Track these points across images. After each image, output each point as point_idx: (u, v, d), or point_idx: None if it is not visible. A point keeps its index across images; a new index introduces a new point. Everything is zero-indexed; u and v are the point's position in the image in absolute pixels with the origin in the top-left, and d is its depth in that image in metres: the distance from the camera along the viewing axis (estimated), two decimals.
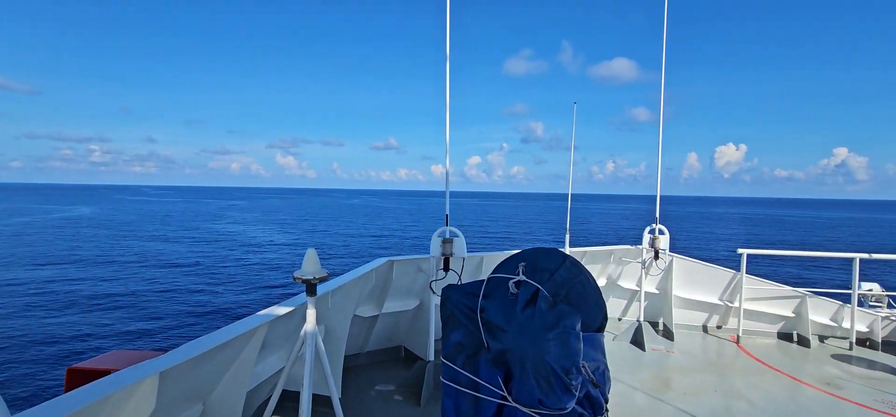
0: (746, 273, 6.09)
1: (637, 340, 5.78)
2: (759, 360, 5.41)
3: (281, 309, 2.90)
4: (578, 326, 1.68)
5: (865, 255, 5.92)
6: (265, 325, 2.72)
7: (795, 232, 64.28)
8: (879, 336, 5.94)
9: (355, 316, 4.30)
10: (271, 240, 39.99)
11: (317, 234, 46.81)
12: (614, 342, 5.90)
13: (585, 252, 5.77)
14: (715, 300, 6.37)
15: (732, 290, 6.28)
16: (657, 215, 5.66)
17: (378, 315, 4.67)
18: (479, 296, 1.86)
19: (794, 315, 6.18)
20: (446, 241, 3.96)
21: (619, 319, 6.76)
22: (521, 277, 1.84)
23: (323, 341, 3.39)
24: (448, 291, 1.99)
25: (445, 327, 1.98)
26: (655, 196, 5.84)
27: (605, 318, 2.03)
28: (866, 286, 6.22)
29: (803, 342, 6.02)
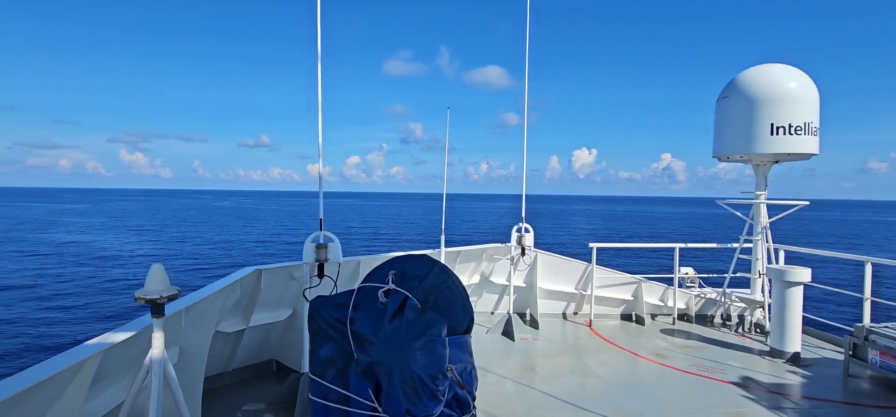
0: (596, 264, 6.91)
1: (507, 331, 6.21)
2: (607, 340, 6.18)
3: (119, 335, 2.51)
4: (445, 332, 1.74)
5: (683, 245, 7.13)
6: (98, 355, 2.34)
7: (635, 225, 74.79)
8: (693, 311, 7.22)
9: (217, 332, 3.92)
10: (125, 250, 34.50)
11: (181, 243, 41.44)
12: (487, 335, 6.25)
13: (459, 251, 6.03)
14: (572, 289, 7.12)
15: (585, 280, 7.08)
16: (523, 215, 6.14)
17: (245, 329, 4.32)
18: (348, 307, 1.83)
19: (632, 298, 7.19)
20: (320, 247, 3.81)
21: (492, 313, 7.19)
22: (391, 286, 1.85)
23: (177, 365, 3.02)
24: (316, 304, 1.92)
25: (314, 341, 1.92)
26: (523, 196, 6.33)
27: (472, 320, 2.12)
28: (684, 270, 7.47)
29: (640, 320, 7.03)
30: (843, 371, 5.09)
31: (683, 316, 7.25)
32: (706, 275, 7.52)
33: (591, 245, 6.84)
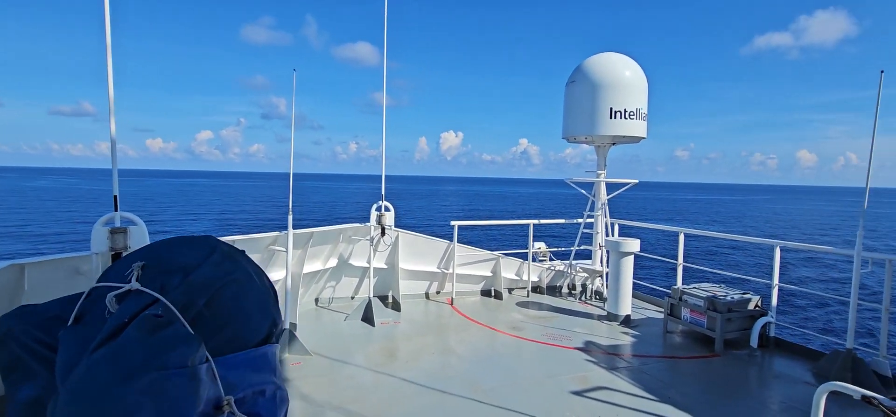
0: (458, 242, 6.91)
1: (367, 316, 5.86)
2: (467, 317, 6.22)
3: None
4: (199, 355, 1.20)
5: (536, 221, 7.51)
6: None
7: (498, 204, 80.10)
8: (545, 283, 7.69)
9: None
10: None
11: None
12: (346, 322, 5.84)
13: (312, 233, 5.48)
14: (434, 268, 7.04)
15: (447, 258, 7.05)
16: (383, 193, 5.80)
17: None
18: (68, 321, 1.22)
19: (491, 274, 7.38)
20: (116, 232, 2.98)
21: (352, 297, 6.77)
22: (133, 285, 1.28)
23: None
24: (11, 320, 1.26)
25: (8, 379, 1.25)
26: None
27: (275, 325, 1.65)
28: (537, 245, 7.91)
29: (498, 296, 7.25)
30: (663, 328, 5.81)
31: (537, 289, 7.68)
32: (556, 249, 8.07)
33: (452, 223, 6.81)
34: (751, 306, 5.29)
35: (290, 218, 4.78)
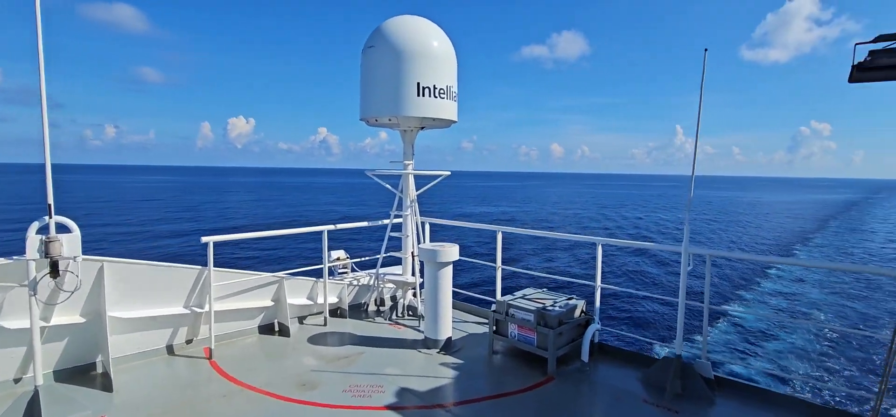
0: (215, 267, 4.75)
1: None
2: (232, 379, 4.18)
3: None
4: None
5: (332, 226, 5.82)
6: None
7: (295, 197, 74.38)
8: (347, 302, 6.07)
9: None
10: None
11: None
12: None
13: None
14: (180, 309, 4.71)
15: (201, 291, 4.82)
16: (50, 202, 3.25)
17: None
18: None
19: (273, 302, 5.42)
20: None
21: (16, 381, 3.94)
22: None
23: None
24: None
25: None
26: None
27: None
28: (335, 254, 6.27)
29: (283, 331, 5.34)
30: (489, 349, 4.85)
31: (337, 312, 6.03)
32: (359, 259, 6.54)
33: (204, 240, 4.61)
34: (577, 313, 4.69)
35: None
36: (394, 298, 6.18)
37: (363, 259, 6.55)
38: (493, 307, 4.87)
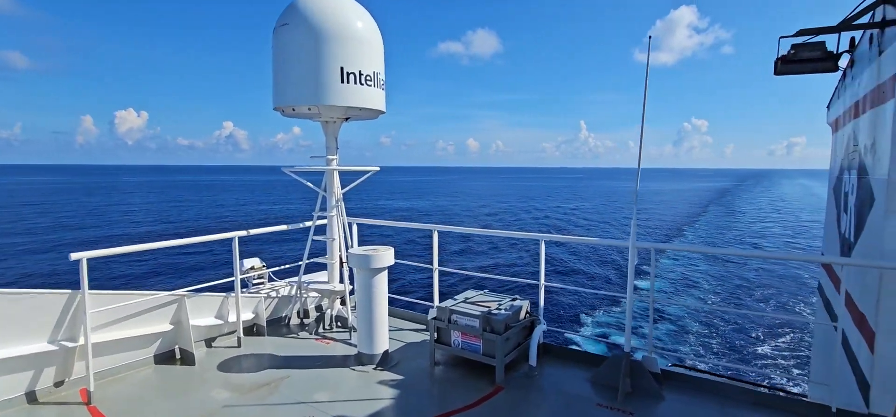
0: (93, 289, 3.83)
1: None
2: None
3: None
4: None
5: (244, 233, 5.05)
6: None
7: (195, 194, 68.38)
8: (265, 318, 5.33)
9: None
10: None
11: None
12: None
13: None
14: (43, 346, 3.74)
15: (72, 321, 3.87)
16: None
17: None
18: None
19: (172, 325, 4.55)
20: None
21: None
22: None
23: None
24: None
25: None
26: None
27: None
28: (248, 264, 5.50)
29: (187, 359, 4.52)
30: (430, 360, 4.45)
31: (253, 330, 5.27)
32: (279, 268, 5.80)
33: (73, 256, 3.68)
34: (523, 315, 4.44)
35: None
36: (319, 308, 5.54)
37: (282, 267, 5.81)
38: (434, 313, 4.47)
